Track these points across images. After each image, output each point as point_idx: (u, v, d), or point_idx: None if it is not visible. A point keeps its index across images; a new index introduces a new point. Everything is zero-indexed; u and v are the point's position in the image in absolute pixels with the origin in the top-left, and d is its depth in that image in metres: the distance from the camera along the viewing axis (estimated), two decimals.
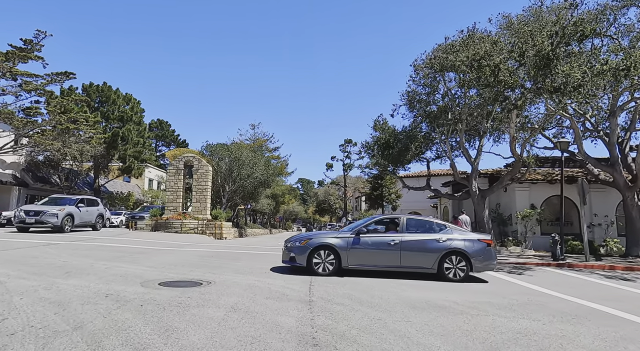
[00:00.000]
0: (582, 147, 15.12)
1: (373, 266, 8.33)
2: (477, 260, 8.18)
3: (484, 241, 8.37)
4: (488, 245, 8.38)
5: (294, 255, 8.35)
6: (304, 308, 5.33)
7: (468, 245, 8.20)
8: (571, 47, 11.06)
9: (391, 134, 20.01)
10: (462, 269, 8.15)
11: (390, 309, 5.46)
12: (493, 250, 8.46)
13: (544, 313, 5.55)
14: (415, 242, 8.28)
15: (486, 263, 8.29)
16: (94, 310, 4.68)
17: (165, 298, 5.51)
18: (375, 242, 8.34)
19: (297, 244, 8.44)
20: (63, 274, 7.08)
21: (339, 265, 8.25)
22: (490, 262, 8.32)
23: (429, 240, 8.30)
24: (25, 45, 20.65)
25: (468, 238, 8.34)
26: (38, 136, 22.38)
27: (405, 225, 8.56)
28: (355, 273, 8.40)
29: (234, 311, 4.94)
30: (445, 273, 8.15)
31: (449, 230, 8.47)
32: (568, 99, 11.12)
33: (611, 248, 15.77)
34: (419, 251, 8.22)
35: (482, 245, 8.30)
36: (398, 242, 8.26)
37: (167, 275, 7.51)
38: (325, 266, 8.24)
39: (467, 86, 14.10)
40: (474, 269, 8.23)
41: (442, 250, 8.17)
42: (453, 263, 8.18)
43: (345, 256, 8.25)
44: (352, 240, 8.33)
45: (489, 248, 8.35)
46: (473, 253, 8.16)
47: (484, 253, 8.24)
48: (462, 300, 6.33)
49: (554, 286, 8.19)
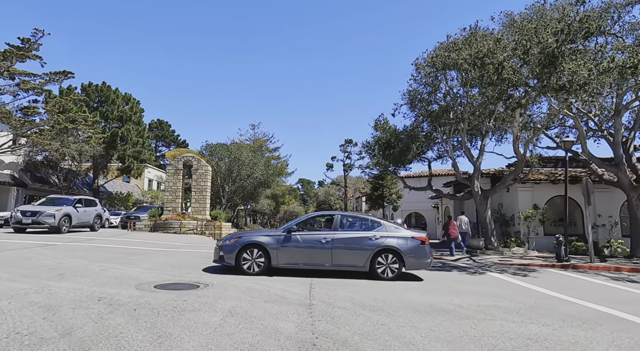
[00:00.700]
0: (586, 147, 14.91)
1: (304, 265, 8.09)
2: (410, 258, 8.04)
3: (418, 239, 8.22)
4: (422, 242, 8.21)
5: (222, 254, 8.09)
6: (304, 312, 5.14)
7: (401, 243, 8.06)
8: (576, 45, 10.86)
9: (392, 134, 19.82)
10: (395, 267, 8.00)
11: (393, 313, 5.26)
12: (428, 248, 8.28)
13: (553, 318, 5.35)
14: (347, 239, 8.10)
15: (420, 261, 8.14)
16: (85, 315, 4.48)
17: (161, 301, 5.32)
18: (307, 240, 8.11)
19: (228, 242, 8.19)
20: (56, 276, 6.89)
21: (268, 263, 8.02)
22: (424, 260, 8.16)
23: (361, 237, 8.12)
24: (23, 44, 20.49)
25: (402, 236, 8.17)
26: (36, 136, 22.21)
27: (339, 222, 8.36)
28: (286, 272, 8.12)
29: (232, 316, 4.74)
30: (377, 272, 7.98)
31: (383, 228, 8.30)
32: (574, 98, 10.92)
33: (615, 249, 15.57)
34: (351, 249, 8.04)
35: (415, 242, 8.15)
36: (330, 240, 8.05)
37: (163, 277, 7.31)
38: (254, 265, 7.99)
39: (469, 85, 13.90)
40: (407, 267, 8.09)
41: (374, 248, 8.00)
42: (385, 261, 8.02)
43: (275, 254, 8.02)
44: (283, 238, 8.09)
45: (423, 245, 8.19)
46: (406, 251, 8.02)
47: (417, 251, 8.09)
48: (467, 303, 6.13)
49: (560, 288, 7.99)
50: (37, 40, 20.59)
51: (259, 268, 7.99)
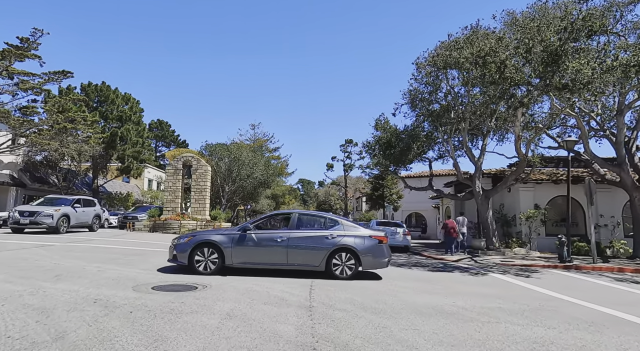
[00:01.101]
0: (588, 146, 14.79)
1: (259, 264, 7.97)
2: (367, 257, 7.94)
3: (375, 238, 8.12)
4: (380, 241, 8.10)
5: (176, 253, 7.93)
6: (304, 314, 5.03)
7: (358, 242, 7.95)
8: (579, 43, 10.75)
9: (393, 133, 19.71)
10: (351, 266, 7.90)
11: (395, 315, 5.15)
12: (385, 247, 8.17)
13: (559, 320, 5.24)
14: (303, 238, 7.97)
15: (377, 260, 8.05)
16: (80, 318, 4.37)
17: (158, 303, 5.21)
18: (262, 239, 7.97)
19: (182, 241, 8.03)
20: (52, 277, 6.78)
21: (222, 263, 7.85)
22: (381, 259, 8.07)
23: (317, 236, 8.00)
24: (21, 44, 20.39)
25: (359, 235, 8.07)
26: (35, 136, 22.10)
27: (296, 221, 8.25)
28: (241, 271, 7.96)
29: (230, 319, 4.63)
30: (333, 271, 7.87)
31: (341, 227, 8.20)
32: (577, 97, 10.81)
33: (618, 250, 15.45)
34: (307, 248, 7.91)
35: (373, 241, 8.05)
36: (285, 238, 7.93)
37: (161, 278, 7.20)
38: (207, 265, 7.83)
39: (470, 84, 13.80)
40: (363, 266, 8.00)
41: (330, 247, 7.88)
42: (341, 260, 7.92)
43: (229, 254, 7.86)
44: (238, 237, 7.95)
45: (380, 244, 8.09)
46: (363, 250, 7.92)
47: (374, 250, 8.00)
48: (471, 305, 6.03)
49: (564, 289, 7.87)
50: (36, 40, 20.49)
51: (212, 267, 7.81)
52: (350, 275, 7.90)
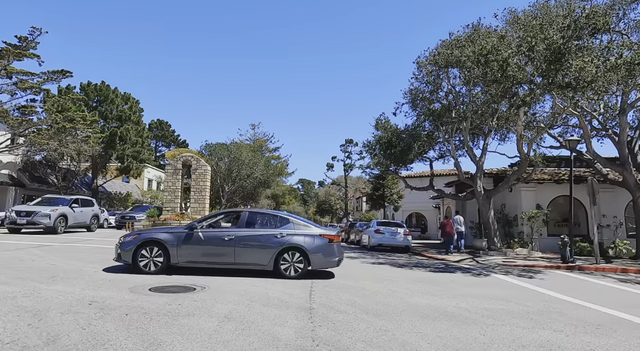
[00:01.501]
0: (590, 146, 14.66)
1: (206, 263, 7.77)
2: (316, 256, 7.81)
3: (326, 236, 7.99)
4: (330, 240, 7.97)
5: (120, 252, 7.75)
6: (304, 316, 4.91)
7: (308, 241, 7.82)
8: (582, 42, 10.63)
9: (393, 133, 19.57)
10: (299, 266, 7.77)
11: (397, 318, 5.03)
12: (336, 246, 8.04)
13: (565, 323, 5.12)
14: (251, 237, 7.83)
15: (327, 260, 7.92)
16: (73, 321, 4.26)
17: (154, 305, 5.09)
18: (209, 237, 7.80)
19: (127, 239, 7.85)
20: (48, 279, 6.67)
21: (167, 262, 7.68)
22: (331, 258, 7.95)
23: (266, 235, 7.86)
24: (20, 43, 20.26)
25: (309, 234, 7.93)
26: (34, 135, 21.99)
27: (245, 219, 8.11)
28: (188, 270, 7.79)
29: (228, 321, 4.52)
30: (282, 270, 7.74)
31: (292, 225, 8.07)
32: (580, 95, 10.68)
33: (620, 250, 15.32)
34: (255, 247, 7.78)
35: (323, 240, 7.92)
36: (233, 237, 7.77)
37: (159, 280, 7.08)
38: (151, 264, 7.64)
39: (472, 83, 13.66)
40: (312, 265, 7.85)
41: (279, 245, 7.75)
42: (291, 259, 7.79)
43: (174, 252, 7.68)
44: (184, 236, 7.78)
45: (331, 243, 7.96)
46: (312, 249, 7.79)
47: (324, 249, 7.88)
48: (474, 307, 5.90)
49: (568, 291, 7.75)
50: (35, 39, 20.37)
51: (156, 266, 7.64)
52: (298, 274, 7.76)
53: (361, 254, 15.72)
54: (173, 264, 7.74)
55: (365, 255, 15.44)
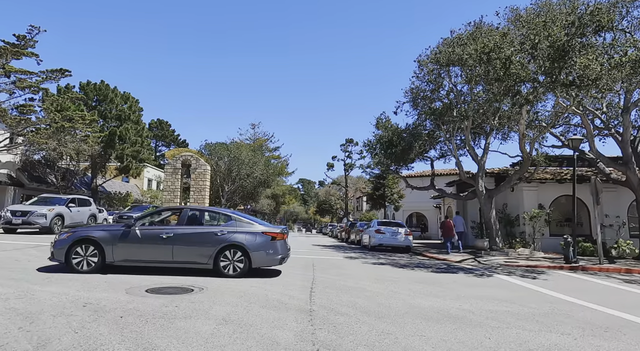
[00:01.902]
0: (594, 145, 14.52)
1: (143, 262, 7.56)
2: (257, 254, 7.63)
3: (268, 234, 7.79)
4: (273, 238, 7.77)
5: (54, 250, 7.46)
6: (304, 319, 4.78)
7: (249, 239, 7.64)
8: (586, 39, 10.48)
9: (394, 132, 19.44)
10: (239, 264, 7.57)
11: (400, 320, 4.90)
12: (280, 244, 7.84)
13: (572, 325, 4.98)
14: (190, 235, 7.63)
15: (269, 258, 7.73)
16: (66, 324, 4.12)
17: (150, 307, 4.96)
18: (147, 235, 7.59)
19: (62, 237, 7.60)
20: (43, 280, 6.54)
21: (102, 261, 7.44)
22: (274, 256, 7.75)
23: (206, 233, 7.68)
24: (18, 41, 20.12)
25: (251, 231, 7.75)
26: (32, 134, 21.85)
27: (186, 217, 7.91)
28: (124, 269, 7.59)
29: (226, 324, 4.38)
30: (222, 269, 7.54)
31: (233, 222, 7.89)
32: (584, 93, 10.53)
33: (623, 250, 15.17)
34: (194, 245, 7.57)
35: (265, 238, 7.74)
36: (172, 235, 7.57)
37: (156, 280, 6.96)
38: (85, 263, 7.41)
39: (474, 81, 13.51)
40: (253, 263, 7.64)
41: (219, 243, 7.56)
42: (231, 257, 7.59)
43: (110, 251, 7.45)
44: (121, 234, 7.56)
45: (273, 241, 7.76)
46: (253, 247, 7.60)
47: (266, 247, 7.69)
48: (478, 309, 5.77)
49: (573, 292, 7.61)
50: (33, 37, 20.23)
51: (89, 265, 7.41)
52: (238, 273, 7.56)
53: (362, 254, 15.58)
54: (109, 263, 7.50)
55: (366, 255, 15.31)
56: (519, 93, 11.01)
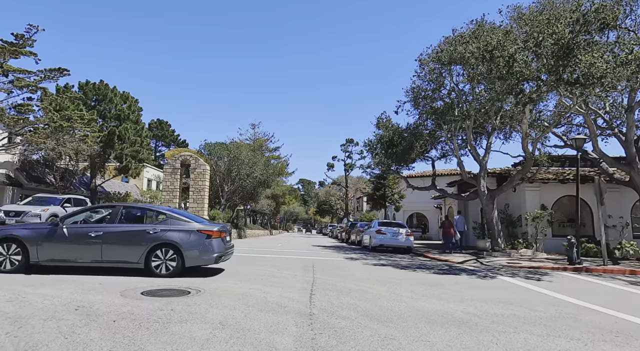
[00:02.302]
0: (597, 145, 14.36)
1: (70, 261, 7.36)
2: (191, 253, 7.39)
3: (204, 232, 7.55)
4: (209, 236, 7.53)
5: None
6: (304, 323, 4.61)
7: (183, 237, 7.42)
8: (590, 37, 10.32)
9: (395, 132, 19.29)
10: (172, 263, 7.35)
11: (403, 324, 4.73)
12: (216, 242, 7.62)
13: (581, 330, 4.81)
14: (120, 233, 7.42)
15: (203, 256, 7.50)
16: (56, 329, 3.96)
17: (145, 311, 4.80)
18: (74, 234, 7.37)
19: None
20: (36, 282, 6.38)
21: (25, 260, 7.21)
22: (208, 255, 7.50)
23: (137, 231, 7.46)
24: (16, 40, 19.94)
25: (185, 230, 7.52)
26: (30, 134, 21.68)
27: (118, 215, 7.69)
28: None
29: (222, 329, 4.22)
30: (153, 268, 7.31)
31: (168, 220, 7.66)
32: (589, 92, 10.38)
33: (627, 251, 14.98)
34: (124, 244, 7.37)
35: (200, 236, 7.50)
36: (101, 233, 7.35)
37: (153, 282, 6.80)
38: (7, 262, 7.18)
39: (476, 80, 13.35)
40: (187, 262, 7.40)
41: (150, 242, 7.34)
42: (162, 256, 7.36)
43: (34, 250, 7.21)
44: (47, 232, 7.34)
45: (208, 240, 7.52)
46: (187, 246, 7.37)
47: (200, 245, 7.46)
48: (483, 312, 5.60)
49: (579, 294, 7.44)
50: (31, 36, 20.03)
51: (12, 265, 7.16)
52: (171, 272, 7.32)
53: (362, 255, 15.43)
54: (33, 263, 7.30)
55: (367, 256, 15.15)
56: (522, 92, 10.85)
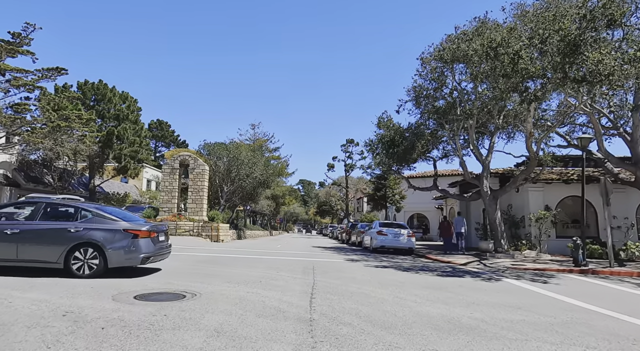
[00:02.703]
0: (602, 144, 14.12)
1: None
2: (115, 253, 7.06)
3: (131, 231, 7.23)
4: (135, 235, 7.22)
5: None
6: (304, 330, 4.37)
7: (107, 236, 7.08)
8: (597, 33, 10.08)
9: (396, 131, 19.04)
10: (94, 263, 7.02)
11: (408, 331, 4.48)
12: (144, 242, 7.31)
13: (596, 337, 4.56)
14: (39, 231, 7.06)
15: (128, 256, 7.16)
16: (39, 337, 3.72)
17: (137, 317, 4.56)
18: None
19: None
20: (25, 285, 6.13)
21: None
22: (134, 255, 7.17)
23: (57, 229, 7.10)
24: (13, 39, 19.72)
25: (110, 228, 7.19)
26: (27, 134, 21.46)
27: (40, 211, 7.30)
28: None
29: (217, 336, 3.97)
30: (74, 270, 6.97)
31: (92, 218, 7.30)
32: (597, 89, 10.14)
33: (632, 253, 14.72)
34: (42, 242, 7.02)
35: (125, 236, 7.17)
36: (17, 231, 6.97)
37: (147, 285, 6.56)
38: None
39: (479, 78, 13.10)
40: (110, 263, 7.05)
41: (71, 241, 7.00)
42: (83, 256, 7.02)
43: None
44: None
45: (135, 239, 7.20)
46: (110, 245, 7.05)
47: (126, 245, 7.14)
48: (491, 317, 5.35)
49: (589, 298, 7.19)
50: (28, 35, 19.81)
51: None
52: (93, 273, 6.99)
53: (363, 256, 15.18)
54: None
55: (368, 257, 14.90)
56: (527, 90, 10.60)
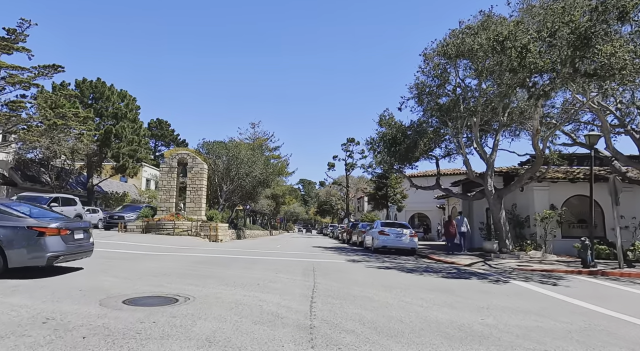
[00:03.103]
0: (610, 142, 13.77)
1: None
2: (16, 252, 6.62)
3: (35, 229, 6.76)
4: (41, 233, 6.76)
5: None
6: (304, 338, 4.02)
7: (7, 234, 6.63)
8: (608, 26, 9.72)
9: (398, 129, 18.68)
10: None
11: (417, 340, 4.14)
12: (52, 240, 6.86)
13: (620, 346, 4.22)
14: None
15: (31, 256, 6.71)
16: (12, 349, 3.37)
17: (123, 324, 4.21)
18: None
19: None
20: (8, 289, 5.79)
21: None
22: (40, 253, 6.71)
23: None
24: (8, 35, 19.42)
25: (12, 225, 6.74)
26: (23, 132, 21.15)
27: None
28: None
29: (209, 346, 3.63)
30: None
31: None
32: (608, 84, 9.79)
33: None
34: None
35: (29, 233, 6.72)
36: None
37: (138, 289, 6.22)
38: None
39: (485, 74, 12.75)
40: (10, 262, 6.59)
41: None
42: None
43: None
44: None
45: (40, 237, 6.74)
46: (10, 244, 6.62)
47: (28, 243, 6.70)
48: (503, 323, 5.01)
49: (603, 301, 6.84)
50: (24, 31, 19.55)
51: None
52: None
53: (365, 257, 14.84)
54: None
55: (370, 258, 14.57)
56: (535, 85, 10.25)
